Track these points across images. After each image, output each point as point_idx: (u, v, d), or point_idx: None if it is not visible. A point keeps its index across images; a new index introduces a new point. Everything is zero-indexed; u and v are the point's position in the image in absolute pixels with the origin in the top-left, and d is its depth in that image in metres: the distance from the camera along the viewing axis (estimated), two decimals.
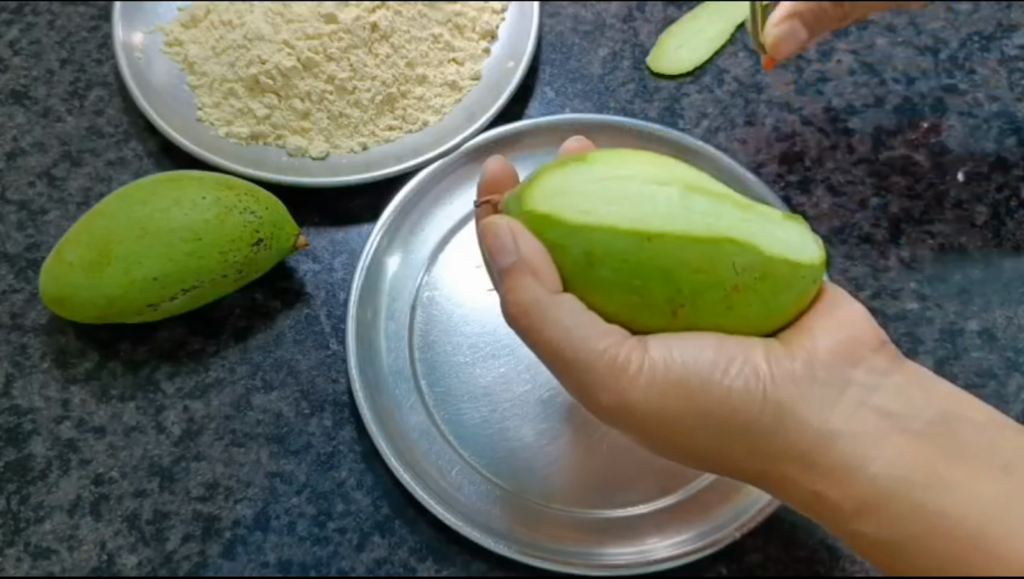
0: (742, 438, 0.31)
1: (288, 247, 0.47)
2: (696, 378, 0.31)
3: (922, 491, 0.30)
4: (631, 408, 0.31)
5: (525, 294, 0.32)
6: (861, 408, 0.31)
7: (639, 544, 0.43)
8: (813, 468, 0.31)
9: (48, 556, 0.43)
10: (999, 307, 0.50)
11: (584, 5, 0.59)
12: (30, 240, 0.50)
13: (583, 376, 0.32)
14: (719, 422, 0.31)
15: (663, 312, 0.32)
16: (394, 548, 0.43)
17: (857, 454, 0.31)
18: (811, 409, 0.31)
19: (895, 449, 0.31)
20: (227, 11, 0.54)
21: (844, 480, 0.31)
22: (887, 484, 0.30)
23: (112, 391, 0.47)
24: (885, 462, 0.30)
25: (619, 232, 0.32)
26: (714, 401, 0.31)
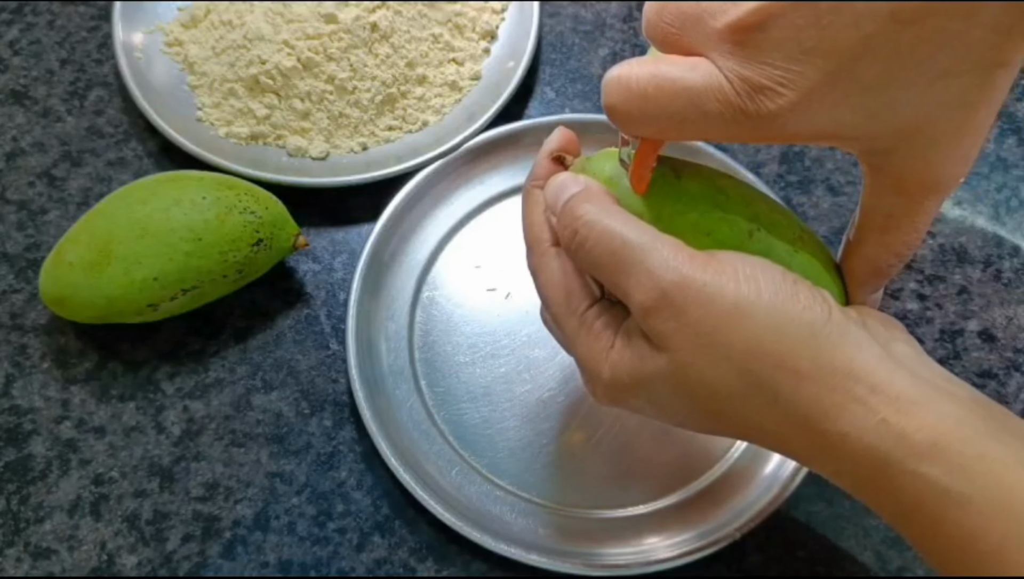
0: (812, 339, 0.30)
1: (288, 247, 0.47)
2: (766, 278, 0.31)
3: (989, 441, 0.28)
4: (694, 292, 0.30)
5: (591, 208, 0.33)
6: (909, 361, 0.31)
7: (639, 544, 0.43)
8: (880, 391, 0.29)
9: (48, 556, 0.43)
10: (999, 307, 0.50)
11: (584, 5, 0.59)
12: (30, 240, 0.50)
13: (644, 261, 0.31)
14: (787, 315, 0.30)
15: (740, 230, 0.33)
16: (394, 548, 0.43)
17: (919, 391, 0.29)
18: (870, 338, 0.31)
19: (950, 399, 0.30)
20: (227, 11, 0.54)
21: (913, 410, 0.29)
22: (954, 426, 0.29)
23: (112, 391, 0.47)
24: (946, 404, 0.29)
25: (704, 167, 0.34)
26: (784, 295, 0.30)
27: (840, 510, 0.44)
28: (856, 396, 0.29)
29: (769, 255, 0.33)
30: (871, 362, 0.30)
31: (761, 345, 0.30)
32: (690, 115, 0.30)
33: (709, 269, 0.31)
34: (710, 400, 0.32)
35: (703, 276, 0.30)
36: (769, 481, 0.44)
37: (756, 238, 0.33)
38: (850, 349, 0.30)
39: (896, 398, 0.29)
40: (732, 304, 0.30)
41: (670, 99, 0.30)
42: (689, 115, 0.30)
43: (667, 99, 0.30)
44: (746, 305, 0.30)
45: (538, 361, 0.47)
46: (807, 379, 0.30)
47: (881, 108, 0.29)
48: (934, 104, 0.28)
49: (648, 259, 0.31)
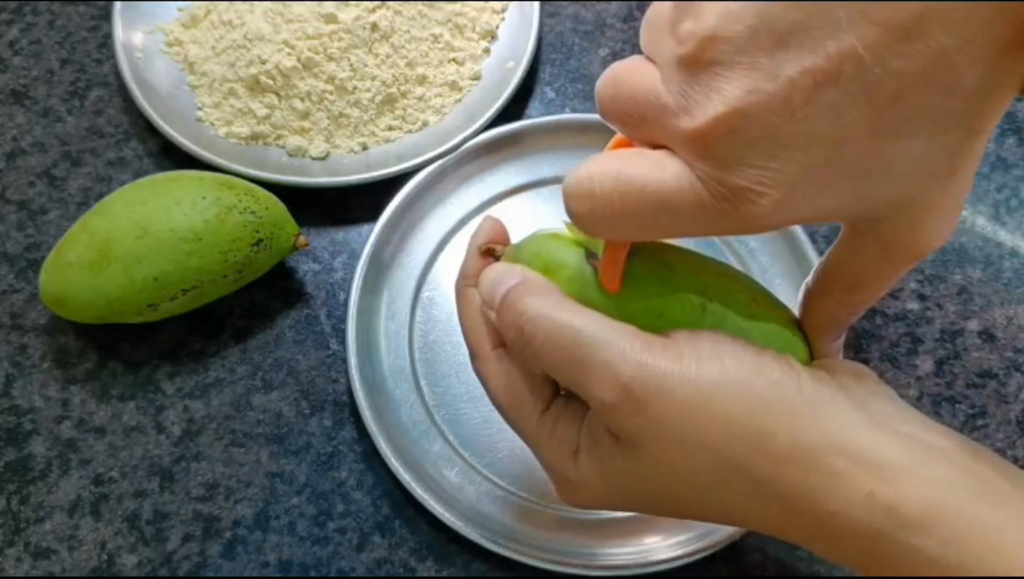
0: (785, 418, 0.28)
1: (288, 247, 0.47)
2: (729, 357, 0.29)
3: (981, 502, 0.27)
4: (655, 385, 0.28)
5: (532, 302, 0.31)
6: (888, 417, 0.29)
7: (639, 544, 0.43)
8: (863, 463, 0.28)
9: (48, 556, 0.43)
10: (999, 307, 0.50)
11: (584, 5, 0.59)
12: (30, 240, 0.50)
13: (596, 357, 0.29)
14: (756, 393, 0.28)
15: (693, 305, 0.31)
16: (394, 548, 0.43)
17: (903, 454, 0.28)
18: (852, 403, 0.29)
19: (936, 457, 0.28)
20: (227, 11, 0.54)
21: (900, 479, 0.27)
22: (945, 490, 0.27)
23: (112, 391, 0.47)
24: (932, 467, 0.28)
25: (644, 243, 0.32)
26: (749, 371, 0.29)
27: None
28: (839, 471, 0.28)
29: (725, 327, 0.31)
30: (851, 431, 0.28)
31: (733, 429, 0.29)
32: (662, 220, 0.27)
33: (668, 355, 0.29)
34: (691, 492, 0.31)
35: (663, 364, 0.29)
36: None
37: (709, 311, 0.31)
38: (827, 420, 0.29)
39: (881, 468, 0.28)
40: (697, 390, 0.29)
41: (638, 205, 0.27)
42: (661, 220, 0.27)
43: (634, 205, 0.27)
44: (712, 388, 0.29)
45: None
46: (786, 461, 0.28)
47: (866, 188, 0.27)
48: (918, 176, 0.27)
49: (603, 352, 0.29)
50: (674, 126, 0.26)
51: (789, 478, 0.28)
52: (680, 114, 0.26)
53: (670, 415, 0.29)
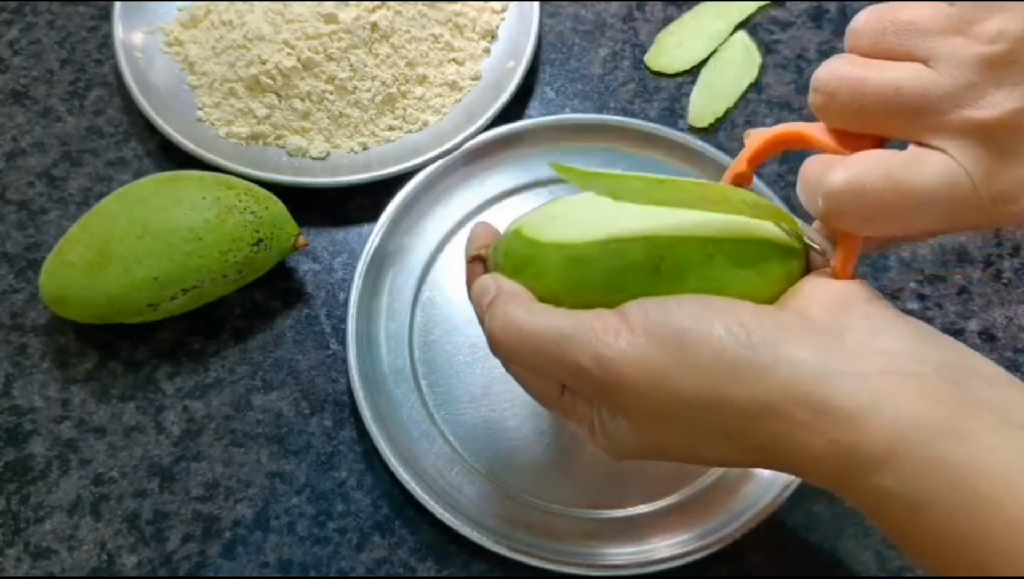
0: (737, 380, 0.30)
1: (288, 247, 0.47)
2: (675, 327, 0.30)
3: (944, 440, 0.28)
4: (617, 373, 0.31)
5: (502, 311, 0.33)
6: (864, 349, 0.30)
7: (639, 544, 0.43)
8: (824, 413, 0.29)
9: (48, 556, 0.43)
10: (999, 307, 0.50)
11: (584, 5, 0.59)
12: (30, 240, 0.50)
13: (570, 359, 0.31)
14: (711, 370, 0.30)
15: (646, 271, 0.33)
16: (394, 548, 0.43)
17: (869, 396, 0.28)
18: (806, 349, 0.29)
19: (909, 392, 0.28)
20: (227, 11, 0.54)
21: (860, 423, 0.28)
22: (907, 430, 0.28)
23: (112, 391, 0.47)
24: (901, 406, 0.28)
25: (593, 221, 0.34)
26: (697, 343, 0.30)
27: (840, 510, 0.44)
28: (801, 420, 0.29)
29: (684, 279, 0.32)
30: (810, 378, 0.29)
31: (692, 401, 0.30)
32: (923, 215, 0.30)
33: (620, 341, 0.31)
34: (682, 449, 0.33)
35: (616, 352, 0.31)
36: (769, 481, 0.44)
37: (664, 269, 0.32)
38: (784, 371, 0.29)
39: (842, 415, 0.29)
40: (650, 373, 0.30)
41: (907, 201, 0.29)
42: (922, 215, 0.30)
43: (904, 202, 0.30)
44: (662, 370, 0.30)
45: None
46: (750, 417, 0.30)
47: None
48: None
49: (568, 347, 0.31)
50: (958, 117, 0.29)
51: (758, 432, 0.30)
52: (967, 107, 0.29)
53: (634, 398, 0.31)
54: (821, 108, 0.32)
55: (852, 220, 0.31)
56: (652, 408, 0.31)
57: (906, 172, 0.30)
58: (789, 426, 0.29)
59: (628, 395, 0.31)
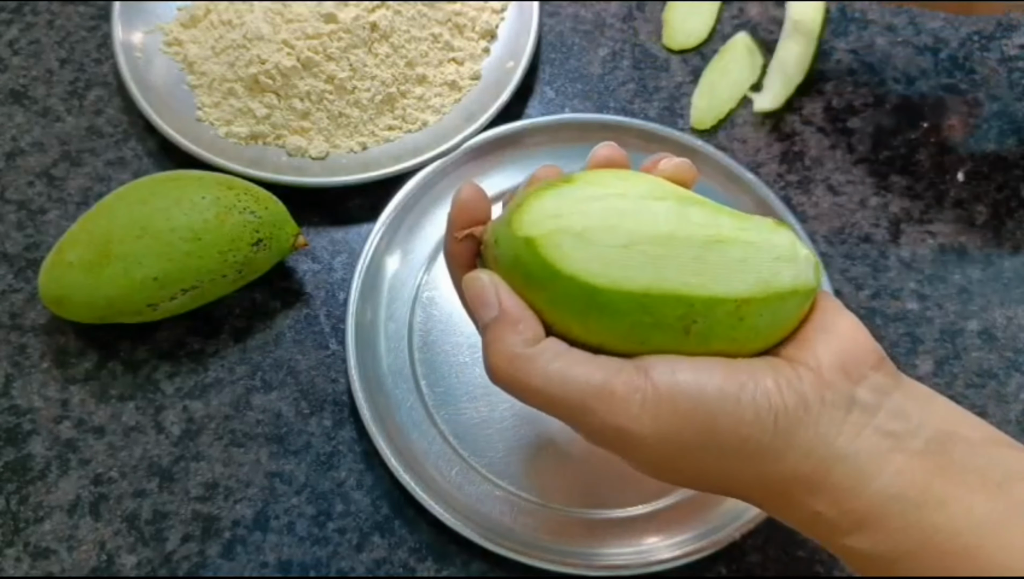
0: (752, 464, 0.31)
1: (288, 247, 0.47)
2: (706, 407, 0.31)
3: (916, 508, 0.30)
4: (637, 440, 0.31)
5: (506, 347, 0.31)
6: (865, 429, 0.31)
7: (639, 544, 0.43)
8: (815, 490, 0.31)
9: (48, 556, 0.43)
10: (999, 307, 0.50)
11: (584, 5, 0.59)
12: (30, 240, 0.50)
13: (582, 417, 0.31)
14: (730, 450, 0.31)
15: (675, 331, 0.31)
16: (394, 548, 0.43)
17: (858, 475, 0.31)
18: (818, 434, 0.31)
19: (894, 468, 0.31)
20: (227, 11, 0.54)
21: (843, 500, 0.31)
22: (883, 502, 0.31)
23: (112, 391, 0.47)
24: (883, 481, 0.31)
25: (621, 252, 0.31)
26: (726, 430, 0.31)
27: None
28: (792, 496, 0.32)
29: (711, 340, 0.32)
30: (809, 465, 0.31)
31: (714, 475, 0.32)
32: None
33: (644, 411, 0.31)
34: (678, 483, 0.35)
35: (638, 424, 0.31)
36: None
37: (694, 332, 0.31)
38: (793, 457, 0.31)
39: (829, 491, 0.31)
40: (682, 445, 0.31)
41: None
42: None
43: None
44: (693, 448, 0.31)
45: None
46: (752, 486, 0.33)
47: None
48: None
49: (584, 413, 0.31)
50: None
51: (755, 494, 0.33)
52: None
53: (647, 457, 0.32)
54: None
55: None
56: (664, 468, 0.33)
57: None
58: (782, 499, 0.32)
59: (641, 454, 0.32)
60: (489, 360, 0.32)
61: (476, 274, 0.33)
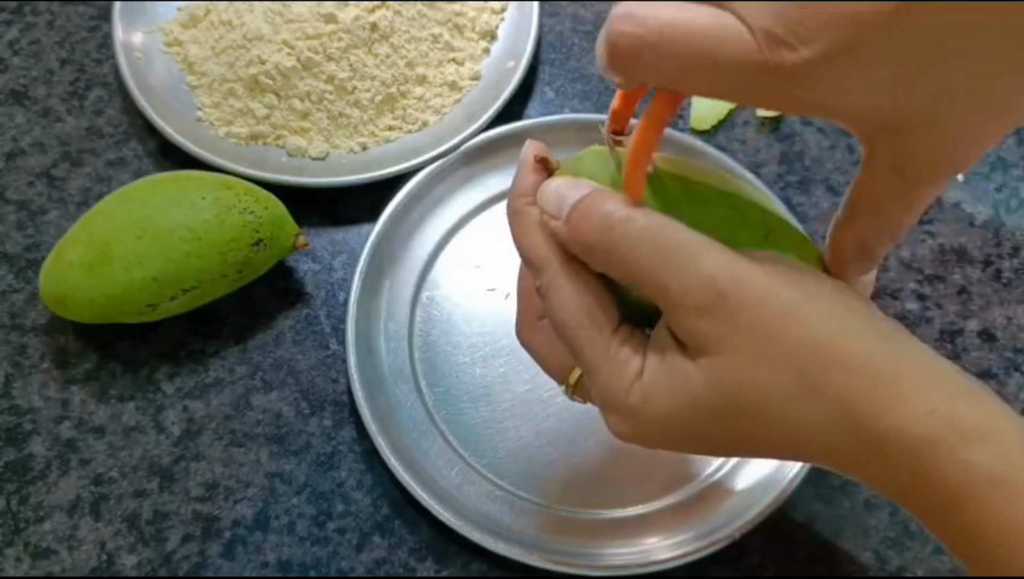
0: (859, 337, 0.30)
1: (288, 247, 0.47)
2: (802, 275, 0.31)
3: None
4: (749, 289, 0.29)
5: (605, 210, 0.30)
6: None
7: (639, 544, 0.43)
8: (928, 383, 0.29)
9: (48, 556, 0.43)
10: (999, 307, 0.50)
11: (584, 5, 0.59)
12: (30, 240, 0.50)
13: (697, 255, 0.29)
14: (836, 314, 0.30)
15: (758, 233, 0.32)
16: (394, 548, 0.43)
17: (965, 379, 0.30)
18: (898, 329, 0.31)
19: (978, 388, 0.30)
20: (227, 11, 0.54)
21: (963, 397, 0.29)
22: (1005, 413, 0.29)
23: (112, 391, 0.47)
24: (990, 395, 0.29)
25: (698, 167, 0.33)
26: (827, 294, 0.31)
27: (840, 510, 0.44)
28: (906, 388, 0.29)
29: (785, 255, 0.32)
30: (917, 354, 0.30)
31: (817, 344, 0.29)
32: (703, 62, 0.27)
33: (761, 268, 0.30)
34: (755, 408, 0.30)
35: (758, 276, 0.29)
36: (769, 481, 0.44)
37: (771, 240, 0.32)
38: (895, 342, 0.30)
39: (945, 385, 0.29)
40: (786, 305, 0.29)
41: (685, 42, 0.27)
42: (702, 61, 0.27)
43: (682, 42, 0.27)
44: (800, 306, 0.29)
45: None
46: (859, 374, 0.29)
47: (906, 90, 0.27)
48: (962, 99, 0.27)
49: (699, 259, 0.29)
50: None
51: (858, 392, 0.29)
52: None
53: (760, 325, 0.29)
54: None
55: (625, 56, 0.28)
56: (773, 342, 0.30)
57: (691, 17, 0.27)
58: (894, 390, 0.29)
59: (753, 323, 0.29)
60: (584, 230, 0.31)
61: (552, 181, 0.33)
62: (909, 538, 0.44)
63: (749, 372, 0.29)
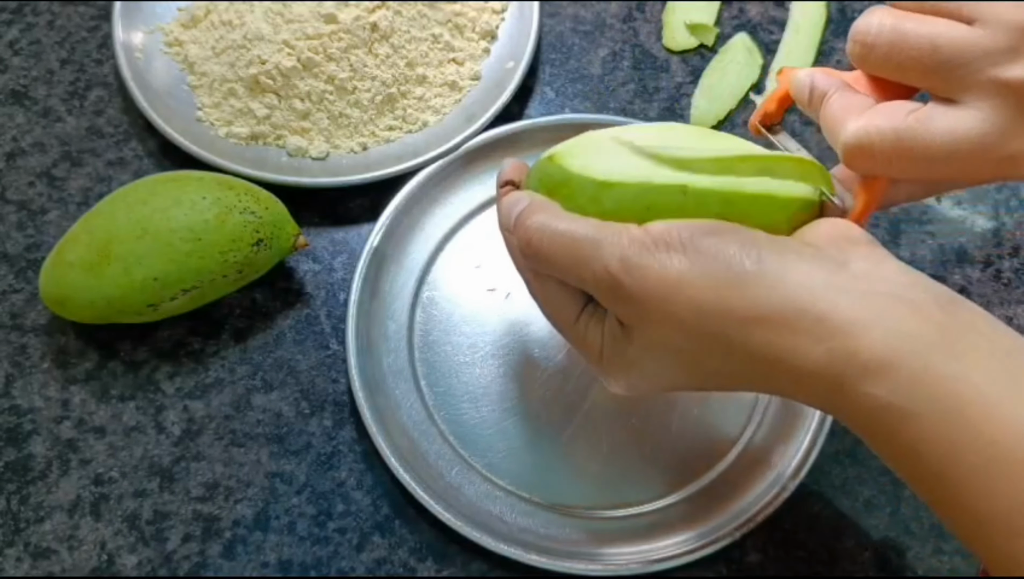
0: (743, 289, 0.31)
1: (288, 247, 0.47)
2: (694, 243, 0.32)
3: (935, 353, 0.29)
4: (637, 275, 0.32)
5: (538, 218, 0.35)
6: (866, 275, 0.31)
7: (639, 544, 0.43)
8: (824, 321, 0.30)
9: (48, 556, 0.43)
10: (999, 307, 0.50)
11: (584, 5, 0.59)
12: (30, 240, 0.50)
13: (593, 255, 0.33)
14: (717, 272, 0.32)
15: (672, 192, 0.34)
16: (394, 548, 0.43)
17: (868, 311, 0.30)
18: (813, 269, 0.31)
19: (906, 311, 0.30)
20: (227, 11, 0.54)
21: (858, 333, 0.30)
22: (902, 343, 0.30)
23: (112, 391, 0.47)
24: (899, 321, 0.30)
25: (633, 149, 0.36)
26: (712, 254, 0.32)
27: (840, 510, 0.44)
28: (801, 329, 0.31)
29: (707, 204, 0.34)
30: (814, 293, 0.31)
31: (703, 305, 0.32)
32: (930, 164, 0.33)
33: (646, 248, 0.32)
34: (685, 365, 0.34)
35: (641, 257, 0.32)
36: (769, 482, 0.44)
37: (690, 193, 0.34)
38: (790, 285, 0.31)
39: (842, 323, 0.30)
40: (666, 277, 0.32)
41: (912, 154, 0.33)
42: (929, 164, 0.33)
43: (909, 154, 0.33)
44: (677, 276, 0.32)
45: (538, 361, 0.47)
46: (753, 324, 0.31)
47: None
48: None
49: (597, 251, 0.33)
50: (990, 76, 0.32)
51: (758, 340, 0.32)
52: (1001, 67, 0.32)
53: (651, 300, 0.33)
54: (858, 58, 0.35)
55: (865, 167, 0.35)
56: (663, 313, 0.33)
57: (916, 127, 0.33)
58: (789, 335, 0.31)
59: (644, 299, 0.33)
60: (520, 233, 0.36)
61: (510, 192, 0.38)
62: (909, 538, 0.44)
63: (657, 339, 0.34)
